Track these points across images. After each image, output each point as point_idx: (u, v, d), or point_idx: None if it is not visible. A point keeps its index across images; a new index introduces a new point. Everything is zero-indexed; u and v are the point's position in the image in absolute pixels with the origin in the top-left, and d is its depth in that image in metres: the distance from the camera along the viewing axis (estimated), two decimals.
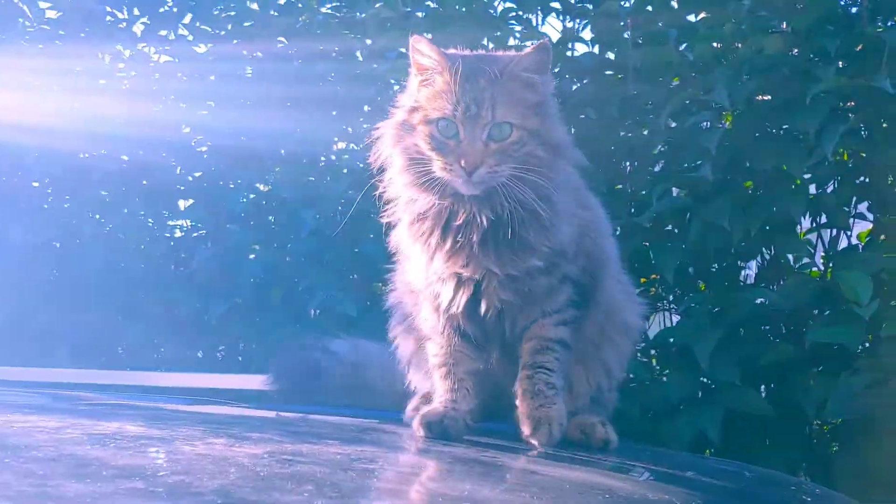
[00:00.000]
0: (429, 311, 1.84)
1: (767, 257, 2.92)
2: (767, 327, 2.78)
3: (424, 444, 1.65)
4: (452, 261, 1.70)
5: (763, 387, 2.74)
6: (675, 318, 3.07)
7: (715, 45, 2.82)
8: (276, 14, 3.68)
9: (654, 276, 3.12)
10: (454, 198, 1.66)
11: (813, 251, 2.82)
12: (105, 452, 1.15)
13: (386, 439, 1.70)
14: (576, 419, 1.86)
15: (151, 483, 0.95)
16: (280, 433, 1.63)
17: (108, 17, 3.71)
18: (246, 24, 3.70)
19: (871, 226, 2.79)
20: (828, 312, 2.55)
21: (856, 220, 2.78)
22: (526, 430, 1.70)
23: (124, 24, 3.74)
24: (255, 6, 3.74)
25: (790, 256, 2.90)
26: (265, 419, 2.05)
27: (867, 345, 2.54)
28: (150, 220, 3.71)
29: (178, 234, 3.84)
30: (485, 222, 1.64)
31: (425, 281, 1.77)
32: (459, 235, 1.67)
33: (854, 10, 2.66)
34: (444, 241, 1.69)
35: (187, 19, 3.75)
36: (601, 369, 1.93)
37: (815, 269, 2.84)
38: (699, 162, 2.78)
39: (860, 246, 2.79)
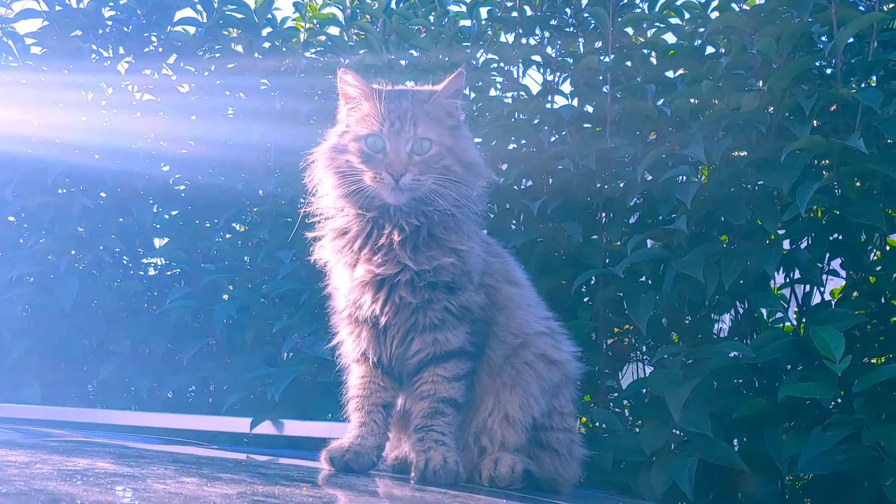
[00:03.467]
0: (346, 333, 1.95)
1: (741, 311, 2.95)
2: (740, 380, 2.79)
3: (399, 490, 1.64)
4: (371, 262, 1.84)
5: (736, 440, 2.75)
6: (649, 369, 3.08)
7: (692, 101, 2.87)
8: (259, 57, 3.71)
9: (627, 326, 3.14)
10: (380, 210, 1.84)
11: (786, 306, 2.85)
12: (75, 488, 1.14)
13: (357, 483, 1.69)
14: (492, 455, 1.94)
15: None
16: (251, 475, 1.61)
17: (94, 56, 3.71)
18: (230, 65, 3.72)
19: (843, 282, 2.84)
20: (800, 367, 2.56)
21: (829, 276, 2.82)
22: (413, 472, 1.81)
23: (109, 62, 3.74)
24: (239, 48, 3.77)
25: (764, 311, 2.93)
26: (236, 461, 2.03)
27: (839, 400, 2.55)
28: (124, 257, 3.68)
29: (151, 272, 3.80)
30: (407, 228, 1.83)
31: (347, 290, 1.89)
32: (382, 239, 1.83)
33: (829, 70, 2.73)
34: (365, 247, 1.84)
35: (172, 59, 3.76)
36: (525, 394, 1.96)
37: (788, 323, 2.87)
38: (674, 215, 2.81)
39: (833, 302, 2.83)
